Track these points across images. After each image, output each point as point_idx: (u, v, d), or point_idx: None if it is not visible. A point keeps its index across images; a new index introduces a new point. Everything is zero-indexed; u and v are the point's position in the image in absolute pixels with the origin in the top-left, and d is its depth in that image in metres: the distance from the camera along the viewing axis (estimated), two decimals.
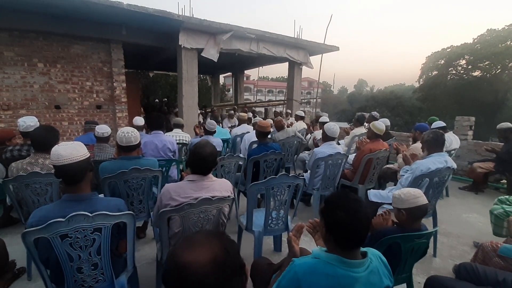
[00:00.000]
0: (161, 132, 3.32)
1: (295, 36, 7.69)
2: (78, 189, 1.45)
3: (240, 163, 3.21)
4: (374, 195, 3.04)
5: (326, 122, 4.39)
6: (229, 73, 13.17)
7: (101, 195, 2.22)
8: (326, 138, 3.41)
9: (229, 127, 6.33)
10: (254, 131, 4.47)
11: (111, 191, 2.24)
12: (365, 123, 5.08)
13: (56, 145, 1.46)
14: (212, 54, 6.40)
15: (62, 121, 5.88)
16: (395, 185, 3.14)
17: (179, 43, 5.91)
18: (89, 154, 1.51)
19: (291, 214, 2.54)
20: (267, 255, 2.40)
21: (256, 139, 3.96)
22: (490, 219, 2.68)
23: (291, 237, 1.35)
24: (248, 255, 2.45)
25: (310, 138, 5.21)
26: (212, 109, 9.37)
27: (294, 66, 8.07)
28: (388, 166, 4.13)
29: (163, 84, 16.41)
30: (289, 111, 7.59)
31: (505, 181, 4.51)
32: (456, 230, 3.28)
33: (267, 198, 2.13)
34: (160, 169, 2.43)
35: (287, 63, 8.33)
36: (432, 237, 2.79)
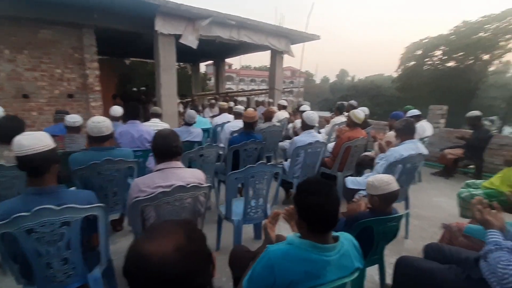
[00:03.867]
0: (138, 121, 3.21)
1: (277, 24, 7.59)
2: (43, 181, 1.38)
3: (220, 152, 3.18)
4: (351, 182, 3.13)
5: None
6: (210, 62, 12.87)
7: (73, 188, 2.14)
8: (306, 126, 3.44)
9: (210, 117, 6.22)
10: (235, 120, 4.45)
11: (84, 183, 2.15)
12: (344, 112, 5.18)
13: (19, 135, 1.37)
14: (191, 40, 6.19)
15: (31, 111, 5.53)
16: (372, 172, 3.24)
17: (155, 29, 5.66)
18: (54, 145, 1.43)
19: (270, 202, 2.56)
20: (248, 243, 2.42)
21: (237, 128, 3.95)
22: (458, 202, 2.84)
23: (266, 224, 1.36)
24: (228, 244, 2.47)
25: (291, 127, 5.25)
26: (193, 98, 9.16)
27: (276, 55, 8.00)
28: (366, 153, 4.25)
29: (142, 72, 15.80)
30: (271, 100, 7.57)
31: (473, 166, 4.79)
32: (427, 213, 3.46)
33: (246, 187, 2.13)
34: (135, 159, 2.36)
35: (269, 52, 8.24)
36: (405, 220, 2.94)
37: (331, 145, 3.94)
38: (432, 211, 3.55)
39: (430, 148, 5.09)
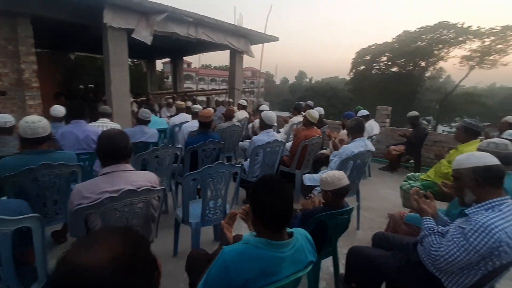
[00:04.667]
0: (83, 121, 2.93)
1: (236, 24, 7.59)
2: None
3: (178, 153, 3.06)
4: (308, 179, 3.26)
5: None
6: (167, 59, 12.35)
7: (4, 198, 1.87)
8: (264, 126, 3.49)
9: (167, 117, 5.96)
10: (193, 120, 4.33)
11: (17, 192, 1.90)
12: (302, 112, 5.38)
13: None
14: (144, 36, 5.86)
15: None
16: None
17: (104, 21, 5.23)
18: None
19: (230, 203, 2.53)
20: (208, 246, 2.36)
21: (195, 128, 3.84)
22: (400, 193, 3.14)
23: (223, 225, 1.34)
24: (186, 248, 2.38)
25: (251, 126, 5.28)
26: (148, 97, 8.68)
27: (235, 54, 7.99)
28: (322, 151, 4.46)
29: (90, 68, 14.50)
30: (231, 100, 7.53)
31: (413, 161, 5.33)
32: (375, 205, 3.75)
33: (204, 188, 2.08)
34: (79, 163, 2.15)
35: (228, 51, 8.19)
36: (356, 213, 3.15)
37: (289, 144, 4.06)
38: (380, 203, 3.86)
39: (377, 145, 5.55)
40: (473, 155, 1.44)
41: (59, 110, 3.59)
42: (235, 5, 9.46)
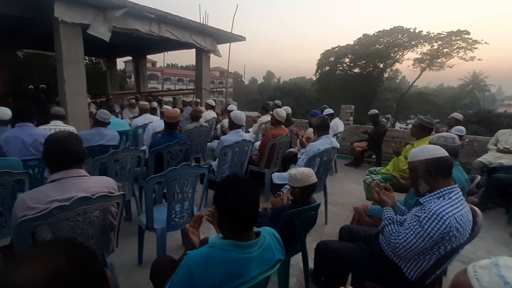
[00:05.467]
0: (30, 124, 2.65)
1: (201, 22, 7.43)
2: None
3: (142, 156, 2.90)
4: (277, 177, 3.28)
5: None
6: (129, 58, 11.72)
7: None
8: (233, 126, 3.45)
9: (130, 118, 5.64)
10: (159, 121, 4.15)
11: None
12: (270, 111, 5.42)
13: None
14: (102, 32, 5.48)
15: None
16: None
17: (55, 15, 4.79)
18: None
19: (198, 205, 2.46)
20: (176, 252, 2.27)
21: (161, 129, 3.68)
22: (364, 187, 3.30)
23: (187, 228, 1.28)
24: (152, 256, 2.26)
25: (219, 126, 5.21)
26: (108, 98, 8.14)
27: (202, 53, 7.82)
28: (290, 150, 4.54)
29: (41, 67, 13.24)
30: (198, 100, 7.36)
31: (375, 156, 5.66)
32: (342, 200, 3.90)
33: (169, 191, 1.99)
34: (26, 170, 1.93)
35: (194, 50, 7.99)
36: (324, 208, 3.25)
37: (258, 144, 4.07)
38: (346, 197, 4.03)
39: (342, 142, 5.81)
40: (425, 148, 1.55)
41: (4, 112, 3.17)
42: (199, 2, 9.25)
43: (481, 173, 3.74)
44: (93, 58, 15.61)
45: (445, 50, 22.21)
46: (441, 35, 21.94)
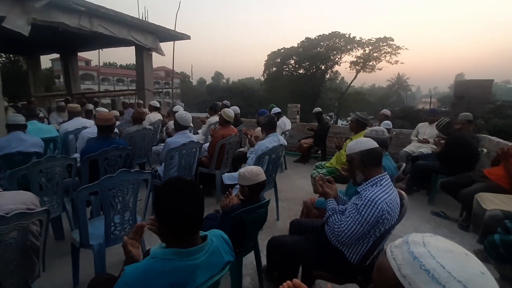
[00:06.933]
0: None
1: (140, 18, 6.96)
2: None
3: (72, 164, 2.57)
4: (228, 177, 3.24)
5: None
6: (56, 55, 10.36)
7: None
8: (179, 127, 3.30)
9: (59, 123, 4.97)
10: (95, 125, 3.73)
11: None
12: (219, 112, 5.35)
13: None
14: (19, 25, 4.73)
15: None
16: None
17: None
18: None
19: (142, 214, 2.28)
20: (119, 268, 2.05)
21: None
22: (311, 181, 3.47)
23: (126, 241, 1.16)
24: (91, 275, 2.02)
25: (165, 129, 4.94)
26: (29, 100, 7.04)
27: (143, 52, 7.32)
28: (240, 149, 4.54)
29: None
30: (141, 101, 6.87)
31: (320, 151, 6.02)
32: (292, 195, 4.05)
33: (105, 202, 1.79)
34: None
35: (134, 48, 7.45)
36: (275, 205, 3.32)
37: (207, 145, 3.97)
38: (296, 192, 4.19)
39: (290, 140, 6.04)
40: (359, 141, 1.68)
41: None
42: None
43: (407, 161, 4.28)
44: (11, 56, 13.42)
45: (375, 54, 25.00)
46: (371, 41, 24.62)
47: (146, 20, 7.14)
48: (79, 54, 10.18)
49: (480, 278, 0.51)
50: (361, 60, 25.55)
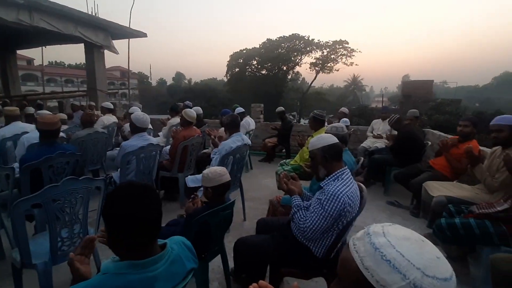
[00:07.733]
0: None
1: (89, 13, 6.42)
2: None
3: (9, 174, 2.25)
4: (191, 180, 3.12)
5: None
6: None
7: None
8: (136, 129, 3.09)
9: None
10: (36, 130, 3.32)
11: None
12: (181, 113, 5.15)
13: None
14: None
15: None
16: None
17: None
18: None
19: (95, 225, 2.07)
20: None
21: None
22: (276, 178, 3.50)
23: (72, 257, 1.02)
24: None
25: (120, 132, 4.61)
26: None
27: (93, 49, 6.77)
28: (204, 151, 4.42)
29: None
30: (93, 103, 6.34)
31: (284, 150, 6.13)
32: (258, 194, 4.05)
33: (49, 215, 1.58)
34: None
35: (83, 45, 6.85)
36: (242, 205, 3.28)
37: (168, 148, 3.79)
38: (262, 191, 4.20)
39: (255, 139, 6.06)
40: (321, 137, 1.72)
41: None
42: None
43: (364, 155, 4.55)
44: None
45: (332, 56, 26.37)
46: (329, 43, 25.92)
47: (96, 15, 6.61)
48: (19, 52, 9.08)
49: (436, 263, 0.52)
50: (320, 62, 26.75)
